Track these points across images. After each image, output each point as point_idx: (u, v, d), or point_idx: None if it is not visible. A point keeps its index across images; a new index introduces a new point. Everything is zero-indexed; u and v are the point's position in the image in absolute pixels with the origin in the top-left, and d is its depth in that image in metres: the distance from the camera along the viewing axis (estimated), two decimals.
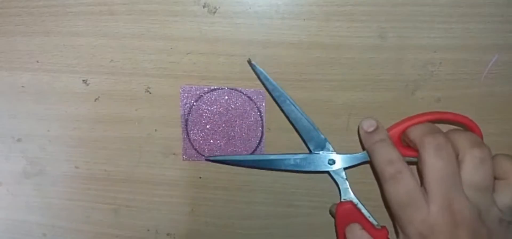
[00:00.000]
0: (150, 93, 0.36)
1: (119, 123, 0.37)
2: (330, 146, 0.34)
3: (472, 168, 0.28)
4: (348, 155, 0.34)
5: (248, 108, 0.36)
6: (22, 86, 0.37)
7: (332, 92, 0.35)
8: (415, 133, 0.31)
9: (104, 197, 0.40)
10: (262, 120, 0.36)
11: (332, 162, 0.34)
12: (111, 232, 0.41)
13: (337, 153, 0.34)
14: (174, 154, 0.38)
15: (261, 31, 0.33)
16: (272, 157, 0.35)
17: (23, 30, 0.35)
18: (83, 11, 0.34)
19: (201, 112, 0.36)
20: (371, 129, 0.32)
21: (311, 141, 0.34)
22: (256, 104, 0.35)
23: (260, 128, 0.36)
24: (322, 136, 0.34)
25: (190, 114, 0.36)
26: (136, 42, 0.35)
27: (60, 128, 0.38)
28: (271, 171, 0.37)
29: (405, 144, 0.32)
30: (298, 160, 0.34)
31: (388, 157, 0.30)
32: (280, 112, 0.35)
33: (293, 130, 0.36)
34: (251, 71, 0.34)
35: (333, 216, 0.36)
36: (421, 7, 0.32)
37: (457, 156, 0.29)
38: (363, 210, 0.33)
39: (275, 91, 0.33)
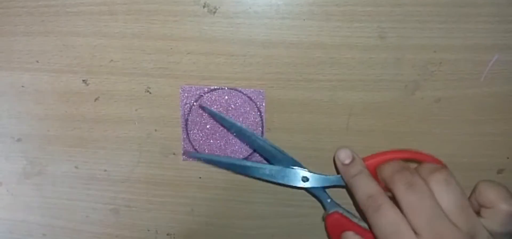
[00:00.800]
0: (150, 93, 0.36)
1: (119, 123, 0.37)
2: (301, 165, 0.34)
3: (441, 192, 0.28)
4: (322, 176, 0.34)
5: (248, 108, 0.36)
6: (22, 86, 0.37)
7: (332, 91, 0.35)
8: (385, 173, 0.31)
9: (104, 197, 0.40)
10: (262, 120, 0.36)
11: (306, 179, 0.34)
12: (111, 232, 0.41)
13: (309, 171, 0.34)
14: (174, 154, 0.38)
15: (261, 31, 0.33)
16: (248, 163, 0.35)
17: (23, 30, 0.35)
18: (83, 11, 0.34)
19: (201, 112, 0.36)
20: (347, 161, 0.32)
21: (280, 165, 0.34)
22: (256, 104, 0.35)
23: (260, 128, 0.36)
24: (291, 159, 0.34)
25: (190, 114, 0.36)
26: (136, 42, 0.35)
27: (60, 128, 0.38)
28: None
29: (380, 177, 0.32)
30: (273, 172, 0.34)
31: (367, 191, 0.30)
32: (280, 112, 0.35)
33: (294, 130, 0.36)
34: (252, 70, 0.34)
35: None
36: (421, 7, 0.32)
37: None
38: (351, 217, 0.33)
39: (232, 128, 0.35)
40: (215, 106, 0.36)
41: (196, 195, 0.39)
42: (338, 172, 0.33)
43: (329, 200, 0.34)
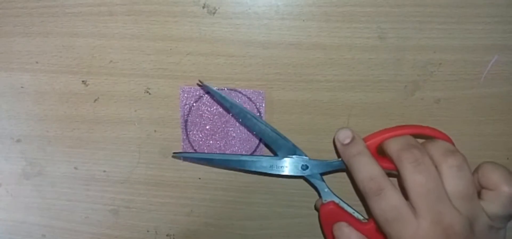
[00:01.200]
0: (149, 93, 0.36)
1: (119, 124, 0.37)
2: (301, 152, 0.34)
3: (452, 177, 0.28)
4: (322, 161, 0.33)
5: (248, 109, 0.36)
6: (22, 87, 0.37)
7: (332, 92, 0.35)
8: (391, 148, 0.30)
9: (103, 198, 0.40)
10: None
11: (305, 167, 0.33)
12: (110, 233, 0.41)
13: (310, 159, 0.34)
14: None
15: (260, 32, 0.33)
16: (244, 158, 0.34)
17: (22, 30, 0.35)
18: (83, 11, 0.34)
19: (200, 112, 0.36)
20: (347, 140, 0.31)
21: (281, 150, 0.33)
22: (255, 105, 0.35)
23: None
24: (291, 144, 0.33)
25: (190, 115, 0.36)
26: (136, 43, 0.35)
27: (60, 128, 0.38)
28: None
29: (382, 155, 0.31)
30: (271, 164, 0.33)
31: (369, 173, 0.29)
32: (280, 112, 0.35)
33: (294, 131, 0.36)
34: (251, 71, 0.34)
35: (318, 211, 0.36)
36: (420, 8, 0.32)
37: (436, 167, 0.28)
38: (347, 208, 0.33)
39: (233, 108, 0.33)
40: (214, 107, 0.36)
41: (195, 196, 0.39)
42: (338, 156, 0.33)
43: (326, 190, 0.34)
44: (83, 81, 0.36)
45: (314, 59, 0.34)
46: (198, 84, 0.35)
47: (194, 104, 0.36)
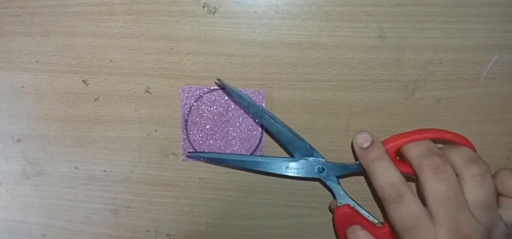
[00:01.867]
0: (149, 93, 0.36)
1: (119, 123, 0.37)
2: (318, 154, 0.33)
3: (474, 187, 0.27)
4: (339, 164, 0.33)
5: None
6: (22, 86, 0.37)
7: (332, 92, 0.35)
8: (411, 154, 0.29)
9: (103, 198, 0.40)
10: None
11: (322, 169, 0.33)
12: (110, 233, 0.41)
13: (326, 161, 0.33)
14: (173, 154, 0.38)
15: (261, 31, 0.33)
16: (259, 159, 0.33)
17: (22, 30, 0.35)
18: (83, 11, 0.34)
19: (200, 112, 0.36)
20: (366, 144, 0.30)
21: (297, 151, 0.33)
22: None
23: (260, 128, 0.36)
24: (308, 145, 0.33)
25: (190, 114, 0.36)
26: (136, 42, 0.35)
27: (60, 128, 0.38)
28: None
29: (401, 159, 0.31)
30: (287, 165, 0.33)
31: (389, 179, 0.29)
32: (280, 112, 0.35)
33: (294, 130, 0.35)
34: (251, 71, 0.34)
35: (332, 212, 0.36)
36: (420, 7, 0.32)
37: (456, 175, 0.28)
38: (362, 211, 0.33)
39: (251, 108, 0.32)
40: (215, 107, 0.36)
41: (195, 196, 0.39)
42: (356, 159, 0.32)
43: (342, 193, 0.33)
44: (83, 81, 0.36)
45: (315, 58, 0.34)
46: (216, 83, 0.34)
47: (194, 103, 0.36)
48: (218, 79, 0.33)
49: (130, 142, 0.38)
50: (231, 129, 0.36)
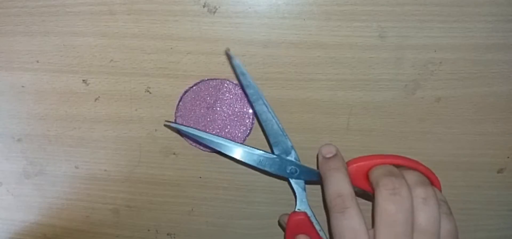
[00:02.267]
0: (150, 93, 0.36)
1: (119, 123, 0.37)
2: (295, 154, 0.33)
3: (417, 208, 0.27)
4: (311, 169, 0.33)
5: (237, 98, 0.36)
6: (22, 86, 0.37)
7: (332, 92, 0.35)
8: (374, 173, 0.29)
9: (104, 197, 0.40)
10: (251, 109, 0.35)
11: (294, 171, 0.33)
12: (111, 232, 0.41)
13: (301, 164, 0.33)
14: (174, 154, 0.38)
15: (261, 31, 0.33)
16: (235, 145, 0.32)
17: (23, 30, 0.35)
18: (83, 11, 0.34)
19: (189, 107, 0.36)
20: (329, 155, 0.31)
21: (278, 146, 0.33)
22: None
23: (249, 118, 0.36)
24: (289, 143, 0.32)
25: (183, 98, 0.36)
26: (136, 42, 0.35)
27: (60, 128, 0.38)
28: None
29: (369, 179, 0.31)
30: (261, 158, 0.32)
31: (339, 189, 0.28)
32: (280, 111, 0.35)
33: (294, 130, 0.36)
34: (252, 70, 0.34)
35: (282, 228, 0.35)
36: (421, 7, 0.32)
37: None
38: (315, 224, 0.33)
39: (249, 88, 0.31)
40: (209, 97, 0.36)
41: (196, 195, 0.39)
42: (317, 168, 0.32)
43: (304, 200, 0.33)
44: (83, 80, 0.36)
45: (315, 58, 0.34)
46: (226, 52, 0.33)
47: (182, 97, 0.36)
48: (228, 49, 0.32)
49: (131, 142, 0.38)
50: (220, 119, 0.36)
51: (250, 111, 0.35)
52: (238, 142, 0.32)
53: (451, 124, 0.35)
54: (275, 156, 0.33)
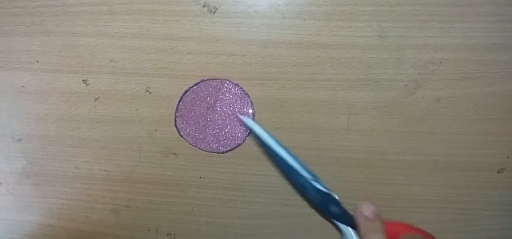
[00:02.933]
0: (150, 93, 0.36)
1: (119, 123, 0.37)
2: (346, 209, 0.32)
3: None
4: (349, 213, 0.32)
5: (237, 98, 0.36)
6: (22, 86, 0.37)
7: (332, 91, 0.35)
8: None
9: (104, 197, 0.40)
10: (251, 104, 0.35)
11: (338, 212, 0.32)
12: (111, 232, 0.41)
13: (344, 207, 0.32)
14: (174, 154, 0.38)
15: (261, 31, 0.33)
16: (295, 164, 0.32)
17: (23, 30, 0.35)
18: (83, 11, 0.34)
19: (191, 99, 0.36)
20: (371, 216, 0.31)
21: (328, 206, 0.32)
22: (243, 103, 0.35)
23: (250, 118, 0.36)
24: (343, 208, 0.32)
25: (182, 102, 0.36)
26: (136, 42, 0.35)
27: (60, 128, 0.38)
28: (271, 171, 0.37)
29: None
30: (311, 186, 0.32)
31: None
32: (281, 111, 0.35)
33: (294, 130, 0.36)
34: (252, 70, 0.34)
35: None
36: (421, 7, 0.32)
37: None
38: None
39: (277, 159, 0.31)
40: (209, 97, 0.36)
41: (196, 195, 0.39)
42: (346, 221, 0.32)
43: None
44: (83, 80, 0.36)
45: (315, 58, 0.34)
46: (240, 119, 0.33)
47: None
48: (243, 117, 0.32)
49: (131, 142, 0.38)
50: (220, 120, 0.36)
51: (250, 111, 0.35)
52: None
53: (451, 124, 0.35)
54: (325, 191, 0.32)
